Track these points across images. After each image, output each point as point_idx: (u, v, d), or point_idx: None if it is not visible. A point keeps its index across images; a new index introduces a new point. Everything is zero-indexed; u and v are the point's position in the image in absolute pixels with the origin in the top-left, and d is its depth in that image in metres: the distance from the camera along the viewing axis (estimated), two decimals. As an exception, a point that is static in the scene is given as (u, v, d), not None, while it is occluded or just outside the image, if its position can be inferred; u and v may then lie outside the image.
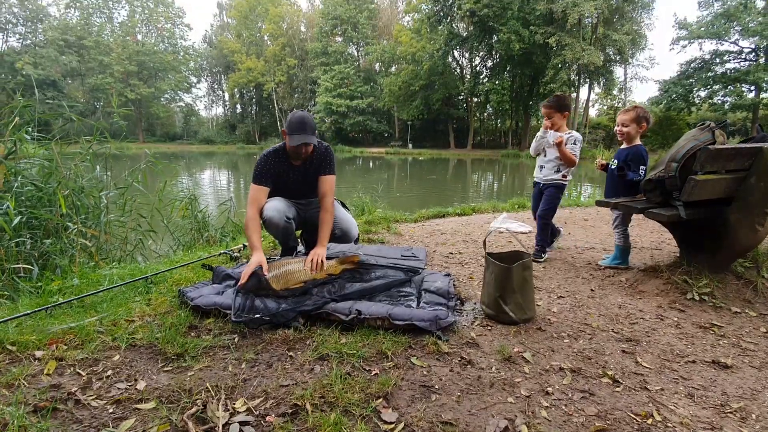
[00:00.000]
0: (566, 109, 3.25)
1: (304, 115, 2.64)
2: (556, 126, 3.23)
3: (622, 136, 3.08)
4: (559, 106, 3.21)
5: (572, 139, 3.21)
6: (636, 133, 3.02)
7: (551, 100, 3.24)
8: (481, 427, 1.39)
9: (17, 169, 3.30)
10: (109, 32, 48.99)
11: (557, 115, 3.21)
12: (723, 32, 29.21)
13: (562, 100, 3.23)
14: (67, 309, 2.17)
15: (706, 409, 1.54)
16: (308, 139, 2.58)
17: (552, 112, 3.22)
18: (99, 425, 1.32)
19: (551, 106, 3.22)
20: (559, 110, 3.21)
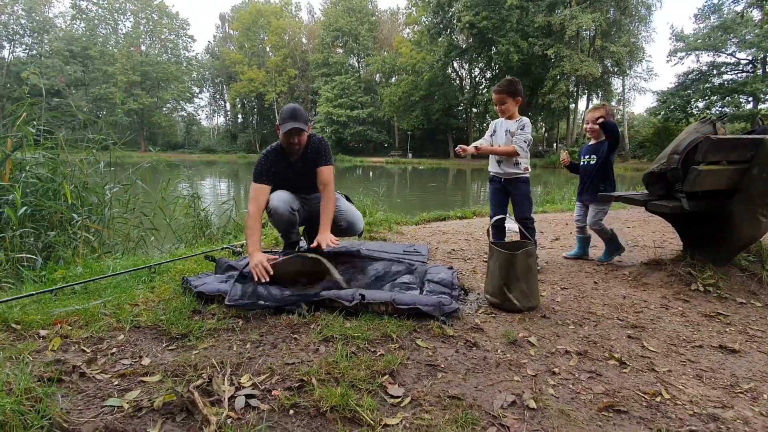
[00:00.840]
0: (519, 95, 2.94)
1: (294, 106, 2.68)
2: (509, 113, 2.95)
3: (592, 133, 3.17)
4: (511, 90, 2.92)
5: (521, 125, 2.92)
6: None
7: (502, 85, 2.94)
8: (489, 401, 1.38)
9: (24, 162, 3.32)
10: (114, 43, 49.56)
11: (510, 101, 2.92)
12: (720, 44, 29.53)
13: (514, 85, 2.94)
14: (71, 294, 2.16)
15: (715, 389, 1.53)
16: (298, 125, 2.58)
17: (504, 97, 2.93)
18: (104, 395, 1.32)
19: (502, 90, 2.93)
20: (511, 95, 2.91)
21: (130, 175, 4.24)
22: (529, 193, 3.02)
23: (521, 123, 2.92)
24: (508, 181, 3.02)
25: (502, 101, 2.93)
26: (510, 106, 2.93)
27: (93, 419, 1.20)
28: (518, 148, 2.87)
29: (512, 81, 2.94)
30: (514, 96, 2.92)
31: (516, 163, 2.98)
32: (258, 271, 2.24)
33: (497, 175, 3.07)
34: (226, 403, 1.30)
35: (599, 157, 3.13)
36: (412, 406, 1.34)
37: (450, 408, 1.33)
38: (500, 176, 3.05)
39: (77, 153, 3.84)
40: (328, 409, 1.28)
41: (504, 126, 2.97)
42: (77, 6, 48.37)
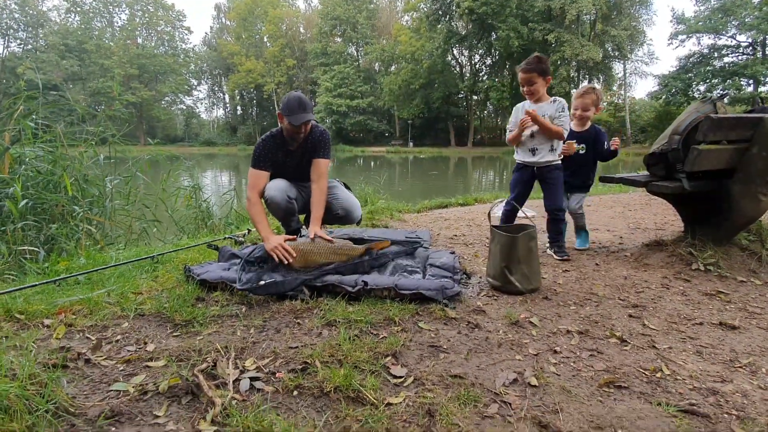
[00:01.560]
0: (549, 73, 2.70)
1: (300, 95, 2.61)
2: (538, 95, 2.70)
3: (580, 120, 3.00)
4: (542, 69, 2.64)
5: (560, 107, 2.67)
6: (593, 115, 3.00)
7: (531, 62, 2.65)
8: (491, 379, 1.39)
9: (23, 155, 3.32)
10: (110, 36, 49.17)
11: (540, 81, 2.66)
12: (720, 27, 29.21)
13: (544, 62, 2.66)
14: (75, 285, 2.18)
15: (715, 365, 1.54)
16: (310, 117, 2.57)
17: (534, 76, 2.64)
18: (110, 380, 1.33)
19: (532, 69, 2.63)
20: (541, 74, 2.65)
21: (130, 167, 4.24)
22: (562, 181, 2.85)
23: (560, 104, 2.67)
24: (542, 169, 2.80)
25: (531, 81, 2.66)
26: (540, 87, 2.67)
27: (99, 403, 1.21)
28: (564, 130, 2.65)
29: (542, 58, 2.67)
30: (545, 75, 2.66)
31: (553, 149, 2.76)
32: (278, 252, 2.24)
33: (529, 164, 2.82)
34: (231, 385, 1.32)
35: (590, 149, 3.00)
36: (414, 386, 1.35)
37: (452, 387, 1.34)
38: (533, 164, 2.81)
39: (76, 146, 3.83)
40: (332, 389, 1.29)
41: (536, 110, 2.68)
42: (71, -1, 47.92)
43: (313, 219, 2.56)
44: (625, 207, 5.10)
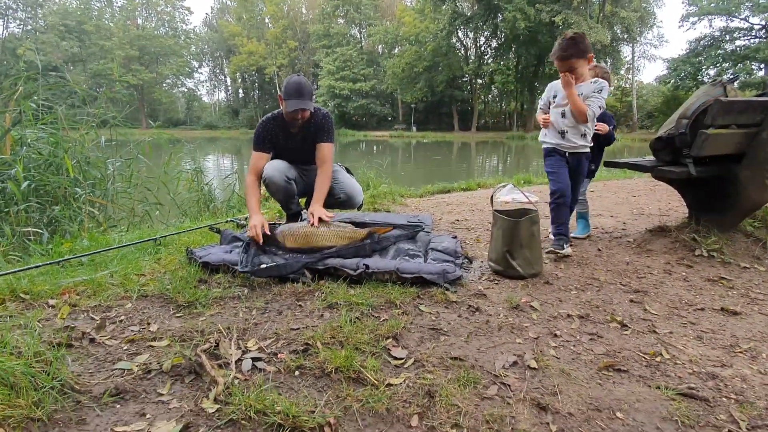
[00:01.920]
0: (588, 51, 2.38)
1: (300, 79, 2.57)
2: (582, 78, 2.41)
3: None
4: (581, 50, 2.34)
5: (597, 87, 2.39)
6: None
7: (567, 46, 2.35)
8: (491, 362, 1.40)
9: (24, 137, 3.31)
10: (110, 17, 48.50)
11: (581, 63, 2.36)
12: (733, 8, 28.53)
13: (581, 41, 2.35)
14: (78, 266, 2.19)
15: (715, 350, 1.54)
16: (305, 105, 2.51)
17: (574, 62, 2.34)
18: (114, 359, 1.35)
19: (570, 55, 2.34)
20: (581, 56, 2.35)
21: (132, 149, 4.23)
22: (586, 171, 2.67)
23: (599, 85, 2.38)
24: (573, 156, 2.54)
25: (572, 67, 2.35)
26: (582, 70, 2.39)
27: (104, 381, 1.23)
28: (590, 112, 2.35)
29: (577, 38, 2.35)
30: (585, 55, 2.36)
31: (583, 134, 2.50)
32: (253, 232, 2.26)
33: (560, 147, 2.52)
34: (233, 365, 1.33)
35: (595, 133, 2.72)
36: (415, 367, 1.36)
37: (452, 368, 1.36)
38: (564, 149, 2.52)
39: (77, 128, 3.82)
40: (333, 370, 1.31)
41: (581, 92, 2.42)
42: (70, -22, 47.16)
43: (315, 198, 2.56)
44: (629, 193, 5.07)
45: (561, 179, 2.49)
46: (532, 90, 37.68)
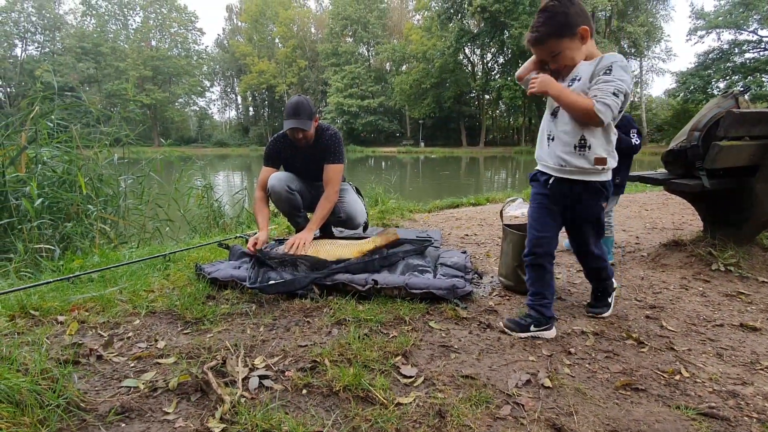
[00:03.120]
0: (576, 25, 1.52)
1: (299, 100, 2.59)
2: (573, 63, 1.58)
3: None
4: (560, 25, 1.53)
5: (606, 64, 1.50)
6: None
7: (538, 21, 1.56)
8: (503, 380, 1.36)
9: (40, 155, 3.37)
10: (124, 39, 50.01)
11: (565, 43, 1.54)
12: (741, 21, 28.52)
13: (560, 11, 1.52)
14: (88, 282, 2.20)
15: (735, 367, 1.49)
16: (300, 124, 2.53)
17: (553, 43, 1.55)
18: (121, 377, 1.34)
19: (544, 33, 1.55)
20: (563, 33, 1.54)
21: (144, 167, 4.29)
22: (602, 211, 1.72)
23: (606, 61, 1.51)
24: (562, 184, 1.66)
25: (552, 51, 1.57)
26: (571, 53, 1.56)
27: (110, 399, 1.22)
28: (599, 105, 1.45)
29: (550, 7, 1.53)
30: (570, 31, 1.53)
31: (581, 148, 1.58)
32: (250, 243, 2.38)
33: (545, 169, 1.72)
34: (240, 383, 1.31)
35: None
36: (425, 386, 1.33)
37: (464, 387, 1.32)
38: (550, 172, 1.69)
39: (91, 146, 3.89)
40: (341, 388, 1.28)
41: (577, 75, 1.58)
42: (87, 2, 48.86)
43: (311, 221, 2.59)
44: (641, 206, 5.00)
45: (537, 225, 1.71)
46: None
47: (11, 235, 2.97)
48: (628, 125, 2.43)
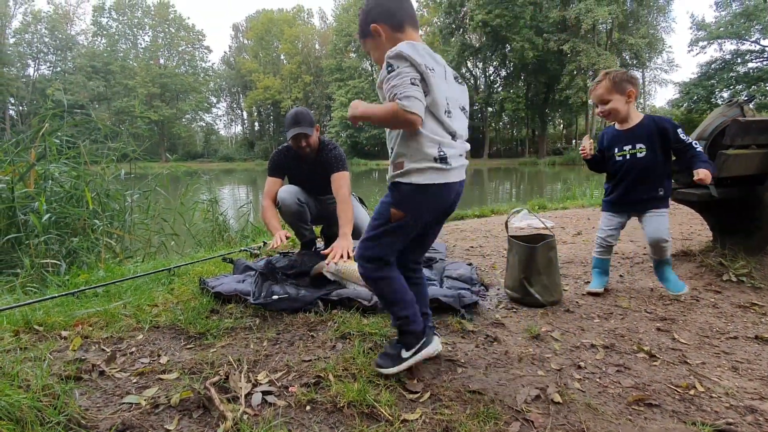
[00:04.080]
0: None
1: (298, 110, 2.66)
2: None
3: (614, 116, 2.20)
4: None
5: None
6: (627, 105, 2.16)
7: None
8: (511, 396, 1.33)
9: (48, 171, 3.41)
10: (134, 57, 51.04)
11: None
12: (743, 31, 28.60)
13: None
14: (93, 297, 2.19)
15: (752, 381, 1.44)
16: (303, 129, 2.57)
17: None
18: (122, 393, 1.32)
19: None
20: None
21: (150, 182, 4.33)
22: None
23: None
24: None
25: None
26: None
27: (111, 416, 1.20)
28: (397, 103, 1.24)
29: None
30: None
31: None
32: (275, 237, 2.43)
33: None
34: (242, 399, 1.29)
35: (653, 147, 2.14)
36: (431, 401, 1.30)
37: (471, 403, 1.29)
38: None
39: (99, 162, 3.94)
40: (346, 404, 1.25)
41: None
42: (98, 23, 50.06)
43: (342, 232, 2.42)
44: (648, 216, 4.95)
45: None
46: (543, 116, 37.95)
47: (18, 250, 2.99)
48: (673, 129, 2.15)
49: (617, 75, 2.14)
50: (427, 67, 1.28)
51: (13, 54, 45.13)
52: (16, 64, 45.97)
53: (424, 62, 1.28)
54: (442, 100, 1.31)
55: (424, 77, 1.27)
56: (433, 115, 1.31)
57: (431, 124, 1.31)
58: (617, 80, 2.12)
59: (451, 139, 1.35)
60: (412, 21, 1.41)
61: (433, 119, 1.32)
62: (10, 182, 3.13)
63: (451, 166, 1.34)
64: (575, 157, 31.18)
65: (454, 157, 1.35)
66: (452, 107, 1.36)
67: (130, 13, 51.32)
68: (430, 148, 1.31)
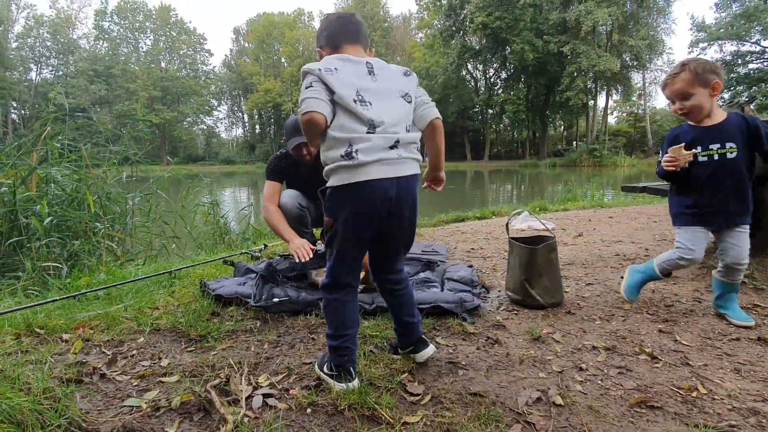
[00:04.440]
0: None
1: (297, 117, 2.66)
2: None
3: (690, 116, 1.88)
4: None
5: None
6: (711, 99, 1.82)
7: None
8: (513, 398, 1.33)
9: (50, 175, 3.42)
10: (135, 61, 51.23)
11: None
12: (743, 33, 28.65)
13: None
14: (94, 300, 2.20)
15: (755, 383, 1.43)
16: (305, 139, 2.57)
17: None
18: (123, 396, 1.32)
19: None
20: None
21: (151, 185, 4.34)
22: None
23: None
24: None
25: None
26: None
27: (112, 419, 1.20)
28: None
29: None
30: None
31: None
32: (301, 252, 2.25)
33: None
34: (243, 402, 1.29)
35: (744, 146, 1.81)
36: (432, 404, 1.30)
37: (472, 405, 1.28)
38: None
39: (100, 165, 3.95)
40: (346, 407, 1.25)
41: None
42: (100, 27, 50.29)
43: None
44: (649, 218, 4.94)
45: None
46: (543, 118, 37.96)
47: (20, 253, 2.99)
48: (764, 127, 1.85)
49: (699, 65, 1.79)
50: (326, 69, 1.28)
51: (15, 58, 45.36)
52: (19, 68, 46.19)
53: (324, 66, 1.29)
54: (348, 91, 1.27)
55: (320, 78, 1.27)
56: (344, 108, 1.27)
57: (342, 119, 1.28)
58: (700, 71, 1.78)
59: (366, 132, 1.27)
60: (352, 38, 1.43)
61: (345, 112, 1.28)
62: (12, 185, 3.13)
63: (360, 160, 1.25)
64: (576, 159, 31.19)
65: (369, 151, 1.25)
66: (370, 97, 1.30)
67: (132, 16, 51.53)
68: (338, 146, 1.27)
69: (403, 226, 1.38)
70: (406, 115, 1.35)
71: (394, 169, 1.28)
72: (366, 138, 1.26)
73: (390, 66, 1.42)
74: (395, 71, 1.41)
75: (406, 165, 1.31)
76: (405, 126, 1.34)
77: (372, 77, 1.35)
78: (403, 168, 1.31)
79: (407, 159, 1.32)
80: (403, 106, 1.36)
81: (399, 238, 1.41)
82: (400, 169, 1.30)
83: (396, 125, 1.31)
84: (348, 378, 1.36)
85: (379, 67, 1.38)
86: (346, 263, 1.37)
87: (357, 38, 1.43)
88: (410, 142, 1.34)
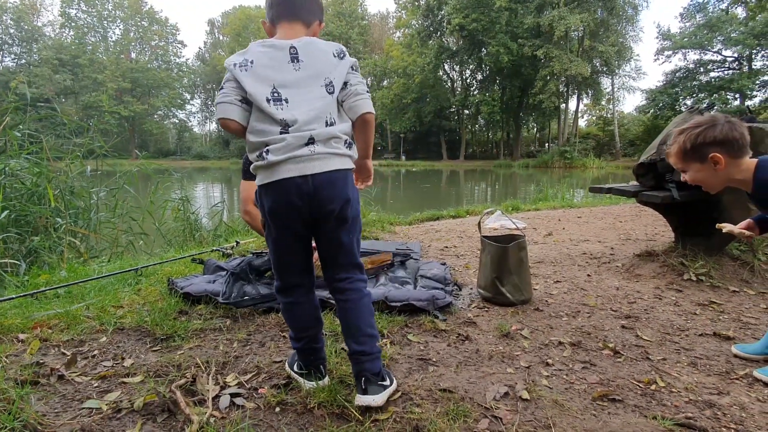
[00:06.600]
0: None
1: None
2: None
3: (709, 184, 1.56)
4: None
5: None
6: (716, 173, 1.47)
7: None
8: (481, 393, 1.35)
9: (9, 166, 3.25)
10: (103, 51, 49.24)
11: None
12: (706, 42, 29.99)
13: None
14: (54, 299, 2.10)
15: (710, 376, 1.51)
16: None
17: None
18: (83, 397, 1.27)
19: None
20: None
21: (118, 180, 4.19)
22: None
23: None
24: None
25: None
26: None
27: (69, 421, 1.15)
28: None
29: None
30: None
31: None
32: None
33: None
34: (210, 402, 1.26)
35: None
36: (402, 400, 1.30)
37: (441, 401, 1.30)
38: None
39: (63, 158, 3.78)
40: (316, 405, 1.24)
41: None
42: (66, 14, 48.07)
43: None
44: (615, 218, 5.12)
45: None
46: (517, 120, 38.75)
47: (-27, 249, 2.84)
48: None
49: (690, 137, 1.44)
50: (240, 65, 1.23)
51: (-28, 44, 42.85)
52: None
53: (239, 61, 1.23)
54: (261, 89, 1.21)
55: (234, 76, 1.23)
56: (257, 108, 1.22)
57: (256, 122, 1.23)
58: (689, 146, 1.45)
59: (280, 133, 1.21)
60: (289, 14, 1.33)
61: (258, 112, 1.23)
62: (-36, 178, 2.97)
63: (270, 161, 1.20)
64: (548, 160, 31.97)
65: (279, 150, 1.20)
66: (287, 92, 1.23)
67: (101, 5, 49.48)
68: (254, 148, 1.24)
69: (329, 222, 1.27)
70: (326, 107, 1.25)
71: (305, 167, 1.20)
72: (280, 138, 1.20)
73: (320, 46, 1.30)
74: (325, 52, 1.29)
75: (322, 161, 1.22)
76: (324, 120, 1.24)
77: (294, 65, 1.25)
78: (319, 164, 1.21)
79: (325, 155, 1.22)
80: (323, 98, 1.25)
81: (332, 233, 1.30)
82: (315, 166, 1.21)
83: (311, 122, 1.22)
84: (318, 376, 1.35)
85: (306, 51, 1.27)
86: (283, 262, 1.33)
87: (295, 13, 1.32)
88: (330, 137, 1.24)
